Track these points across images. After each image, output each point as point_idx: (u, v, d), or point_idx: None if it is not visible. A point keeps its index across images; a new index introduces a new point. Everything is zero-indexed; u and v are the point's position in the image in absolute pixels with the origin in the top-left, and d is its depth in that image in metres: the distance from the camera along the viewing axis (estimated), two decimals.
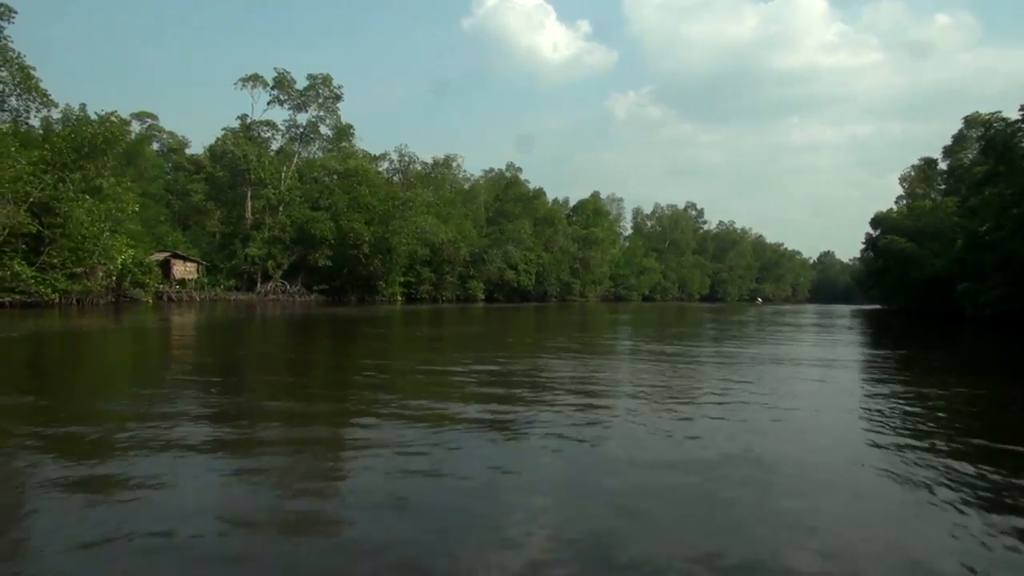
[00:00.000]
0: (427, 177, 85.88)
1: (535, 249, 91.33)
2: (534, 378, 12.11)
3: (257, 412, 8.75)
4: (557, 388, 10.80)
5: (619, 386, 11.62)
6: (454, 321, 38.09)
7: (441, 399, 9.69)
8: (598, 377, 12.68)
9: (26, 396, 9.62)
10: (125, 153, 76.92)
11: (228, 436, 7.30)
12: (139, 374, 13.58)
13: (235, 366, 14.95)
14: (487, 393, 10.33)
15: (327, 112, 73.93)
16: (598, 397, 10.18)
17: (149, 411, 8.33)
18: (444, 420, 7.99)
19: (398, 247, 66.99)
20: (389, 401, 9.26)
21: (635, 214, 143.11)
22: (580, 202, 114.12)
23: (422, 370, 13.82)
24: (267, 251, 65.07)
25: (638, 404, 9.45)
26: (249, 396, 10.24)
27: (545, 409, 8.78)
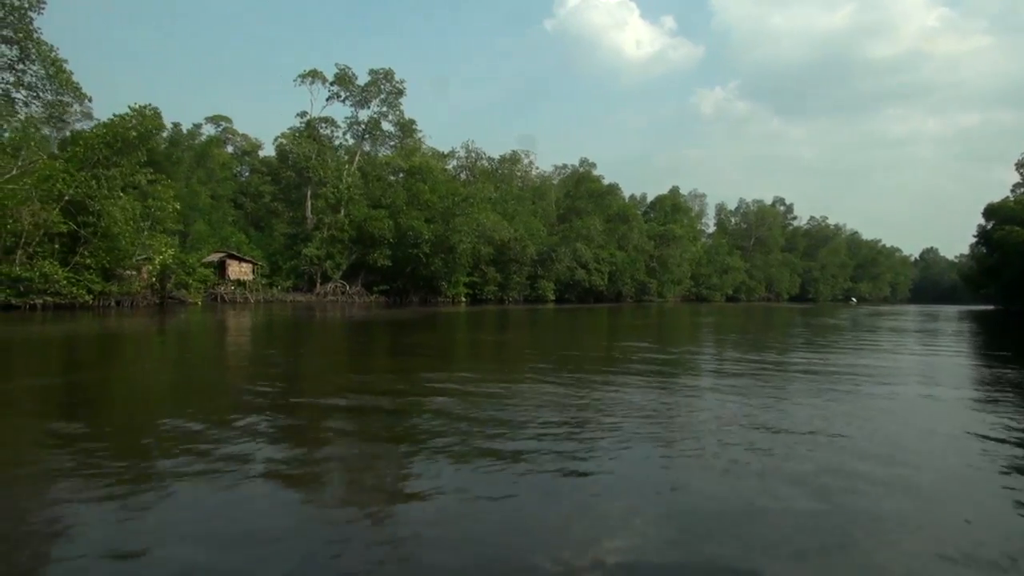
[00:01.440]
0: (492, 174, 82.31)
1: (608, 247, 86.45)
2: (601, 404, 9.55)
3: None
4: (629, 415, 8.63)
5: (699, 417, 8.74)
6: (518, 325, 34.88)
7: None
8: (676, 402, 9.93)
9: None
10: (196, 155, 77.88)
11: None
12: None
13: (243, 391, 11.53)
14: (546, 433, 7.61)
15: (390, 107, 71.48)
16: (674, 428, 8.04)
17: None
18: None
19: (459, 245, 63.59)
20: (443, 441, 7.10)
21: (718, 210, 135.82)
22: (658, 198, 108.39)
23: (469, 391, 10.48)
24: (326, 251, 63.02)
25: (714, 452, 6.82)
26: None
27: (619, 443, 7.09)
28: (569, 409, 9.00)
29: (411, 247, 63.33)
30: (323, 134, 70.64)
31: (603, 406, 9.27)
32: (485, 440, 7.14)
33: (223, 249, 57.43)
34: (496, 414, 8.51)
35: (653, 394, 10.53)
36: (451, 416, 8.33)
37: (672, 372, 14.12)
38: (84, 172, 36.96)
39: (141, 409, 9.59)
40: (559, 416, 8.44)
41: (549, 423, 7.98)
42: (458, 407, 8.93)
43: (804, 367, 14.88)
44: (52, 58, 36.49)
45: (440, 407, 8.93)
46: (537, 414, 8.51)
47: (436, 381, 11.66)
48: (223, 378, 13.22)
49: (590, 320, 41.48)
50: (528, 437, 7.25)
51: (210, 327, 28.96)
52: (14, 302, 34.04)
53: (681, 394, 10.85)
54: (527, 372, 13.70)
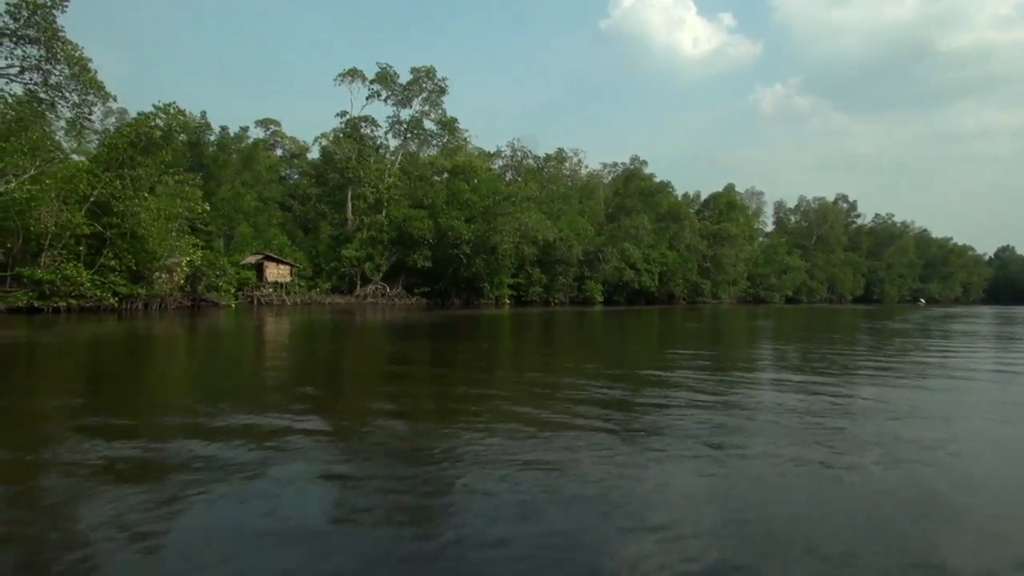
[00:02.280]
0: (538, 172, 79.95)
1: (658, 247, 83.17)
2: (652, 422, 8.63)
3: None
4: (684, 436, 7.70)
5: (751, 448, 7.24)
6: (561, 330, 32.76)
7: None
8: (730, 425, 8.44)
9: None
10: (242, 158, 77.88)
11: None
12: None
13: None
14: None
15: (432, 106, 70.00)
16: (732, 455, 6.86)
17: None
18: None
19: (500, 245, 61.47)
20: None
21: (777, 208, 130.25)
22: (712, 196, 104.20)
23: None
24: (366, 253, 61.80)
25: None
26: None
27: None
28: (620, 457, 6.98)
29: (451, 248, 61.59)
30: (363, 134, 69.49)
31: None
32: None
33: (261, 251, 56.67)
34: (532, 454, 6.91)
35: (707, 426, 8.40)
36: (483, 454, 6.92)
37: (727, 404, 11.62)
38: (109, 172, 36.21)
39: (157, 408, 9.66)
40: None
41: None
42: (497, 440, 7.49)
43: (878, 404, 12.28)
44: (77, 57, 35.81)
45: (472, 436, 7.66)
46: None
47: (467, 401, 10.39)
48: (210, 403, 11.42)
49: (638, 324, 39.03)
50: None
51: (229, 332, 27.69)
52: (37, 304, 33.40)
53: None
54: (570, 397, 11.56)
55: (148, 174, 37.54)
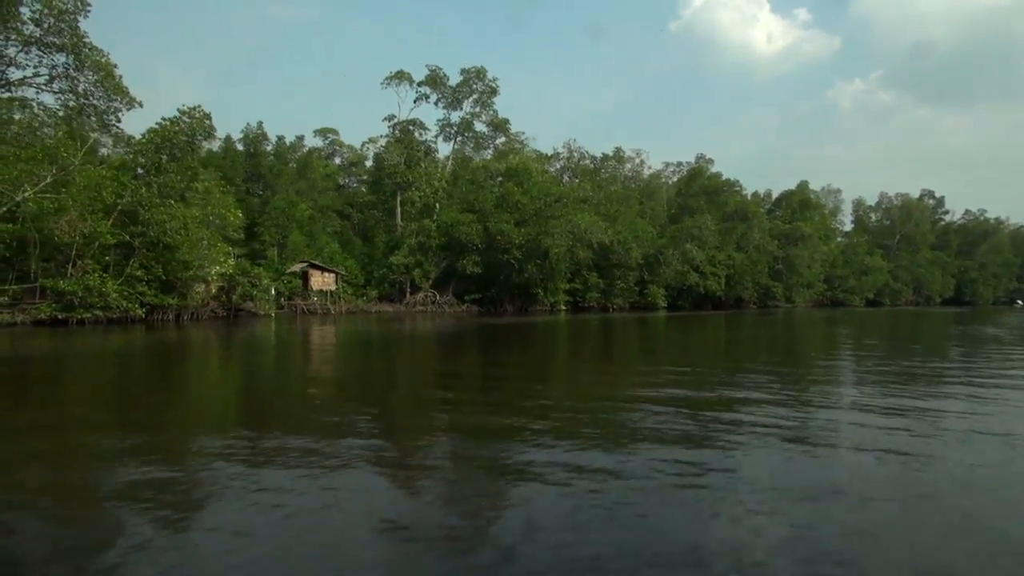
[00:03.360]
0: (594, 173, 76.38)
1: (725, 248, 78.38)
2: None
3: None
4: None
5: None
6: (616, 339, 30.09)
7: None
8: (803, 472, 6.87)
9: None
10: (298, 167, 77.56)
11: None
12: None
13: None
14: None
15: (483, 107, 67.60)
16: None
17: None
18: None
19: (552, 249, 58.34)
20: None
21: (856, 206, 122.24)
22: (784, 194, 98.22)
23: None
24: (414, 259, 59.74)
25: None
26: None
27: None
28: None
29: (502, 253, 58.88)
30: (412, 138, 67.55)
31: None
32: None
33: (306, 259, 55.39)
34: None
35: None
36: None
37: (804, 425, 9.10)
38: (136, 180, 35.15)
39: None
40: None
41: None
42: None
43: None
44: (103, 63, 34.91)
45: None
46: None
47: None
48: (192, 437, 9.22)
49: (701, 331, 35.80)
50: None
51: (255, 344, 25.98)
52: (61, 316, 32.44)
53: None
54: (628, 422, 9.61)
55: (173, 181, 36.30)
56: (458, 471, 6.87)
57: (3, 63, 34.04)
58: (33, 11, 32.87)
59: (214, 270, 37.70)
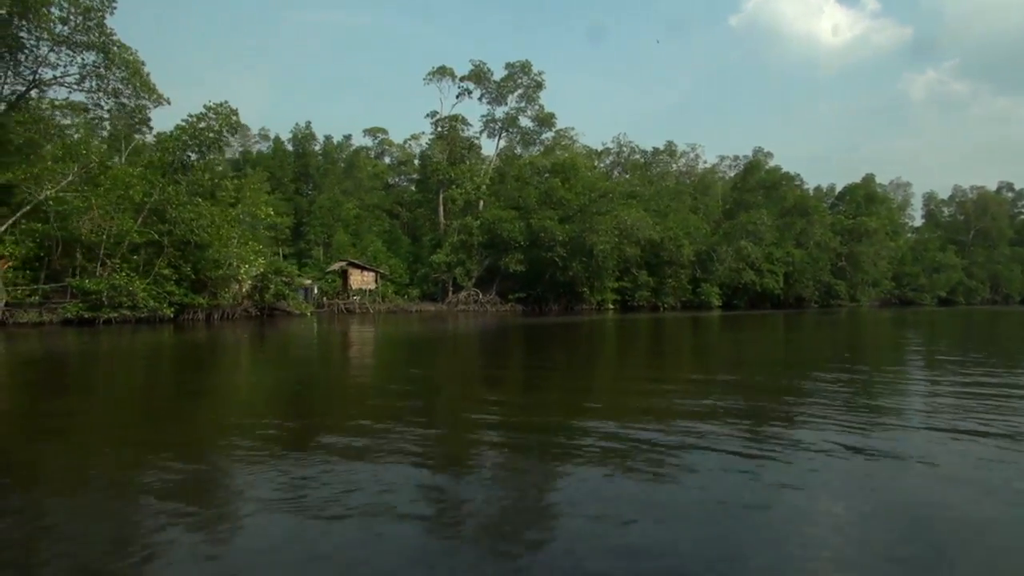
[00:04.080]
0: (644, 167, 73.50)
1: (783, 245, 74.49)
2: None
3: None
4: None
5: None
6: (658, 337, 28.50)
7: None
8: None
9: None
10: (345, 167, 77.20)
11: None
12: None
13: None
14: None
15: (528, 102, 65.72)
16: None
17: None
18: None
19: (597, 246, 56.02)
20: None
21: (927, 200, 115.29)
22: (847, 187, 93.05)
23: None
24: (456, 257, 58.30)
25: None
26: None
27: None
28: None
29: (545, 250, 56.88)
30: (454, 134, 66.15)
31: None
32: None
33: (345, 258, 54.58)
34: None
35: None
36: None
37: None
38: (165, 177, 34.52)
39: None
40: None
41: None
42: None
43: None
44: (130, 60, 34.42)
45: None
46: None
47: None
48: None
49: (757, 332, 33.14)
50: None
51: (280, 344, 24.80)
52: (87, 316, 31.95)
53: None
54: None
55: (201, 178, 35.58)
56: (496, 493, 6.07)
57: (35, 62, 33.89)
58: (61, 10, 32.53)
59: (243, 269, 36.75)
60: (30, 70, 34.11)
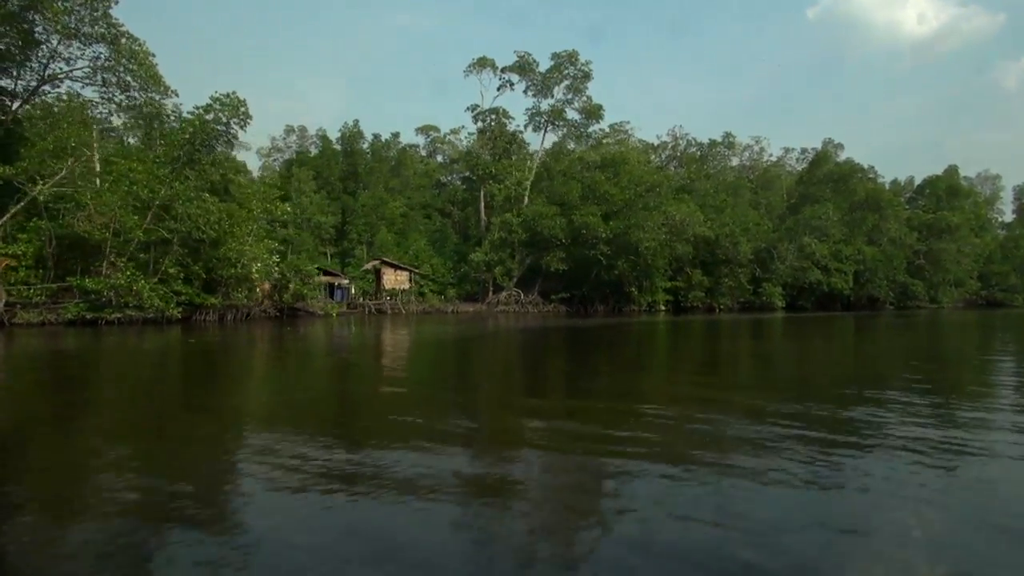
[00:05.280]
0: (701, 160, 68.73)
1: (853, 242, 68.52)
2: None
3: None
4: None
5: None
6: (709, 345, 24.82)
7: None
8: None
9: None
10: (392, 165, 75.53)
11: None
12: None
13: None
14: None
15: (575, 94, 62.17)
16: None
17: None
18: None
19: (642, 243, 52.10)
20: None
21: (1018, 194, 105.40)
22: (927, 180, 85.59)
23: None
24: (495, 256, 55.39)
25: None
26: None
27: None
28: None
29: (588, 248, 53.33)
30: (496, 128, 63.13)
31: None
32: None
33: (379, 256, 52.52)
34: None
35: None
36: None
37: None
38: (171, 172, 32.85)
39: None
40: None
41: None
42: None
43: None
44: (139, 52, 32.94)
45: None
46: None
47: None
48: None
49: (822, 338, 29.43)
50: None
51: (287, 350, 22.39)
52: (89, 316, 30.50)
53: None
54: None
55: (208, 172, 33.76)
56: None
57: (45, 56, 32.76)
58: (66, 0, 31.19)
59: (255, 267, 34.74)
60: (41, 64, 33.05)
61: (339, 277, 50.25)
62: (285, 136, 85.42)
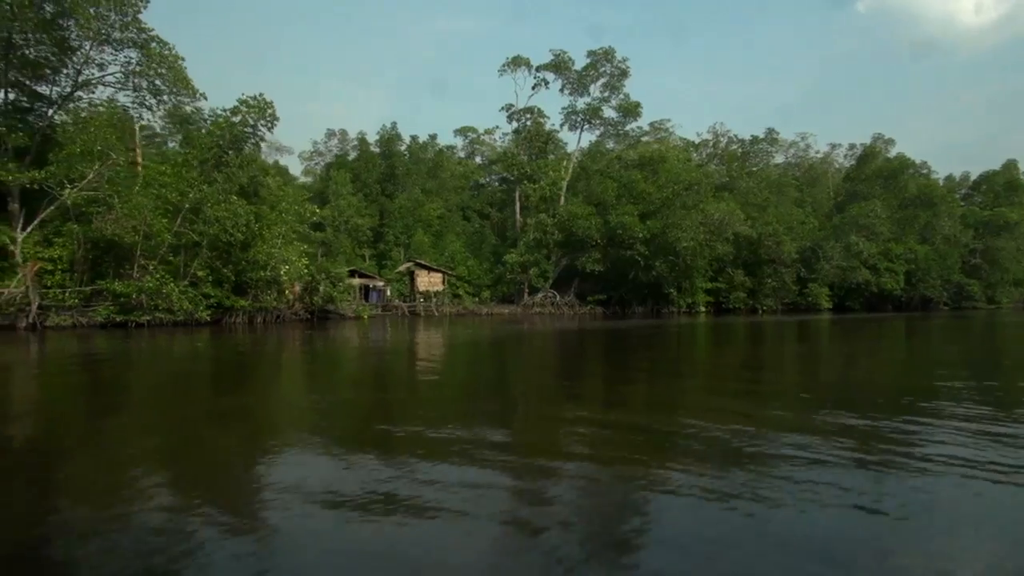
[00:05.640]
0: (742, 157, 66.61)
1: (904, 240, 65.69)
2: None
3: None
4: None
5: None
6: (748, 350, 23.07)
7: None
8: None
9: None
10: (430, 167, 75.15)
11: None
12: None
13: None
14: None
15: (612, 91, 60.87)
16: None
17: None
18: None
19: (680, 243, 50.57)
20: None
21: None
22: (984, 175, 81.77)
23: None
24: (530, 257, 54.44)
25: None
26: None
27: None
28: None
29: (625, 248, 52.01)
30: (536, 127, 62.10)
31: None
32: None
33: (412, 259, 52.10)
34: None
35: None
36: None
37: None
38: (200, 175, 32.80)
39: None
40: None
41: None
42: None
43: None
44: (168, 56, 32.97)
45: None
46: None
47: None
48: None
49: (870, 341, 27.44)
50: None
51: (312, 355, 21.87)
52: (119, 320, 30.61)
53: None
54: None
55: (236, 175, 33.60)
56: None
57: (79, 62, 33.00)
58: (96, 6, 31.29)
59: (283, 269, 34.48)
60: (75, 70, 33.32)
61: (374, 279, 50.00)
62: (326, 140, 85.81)
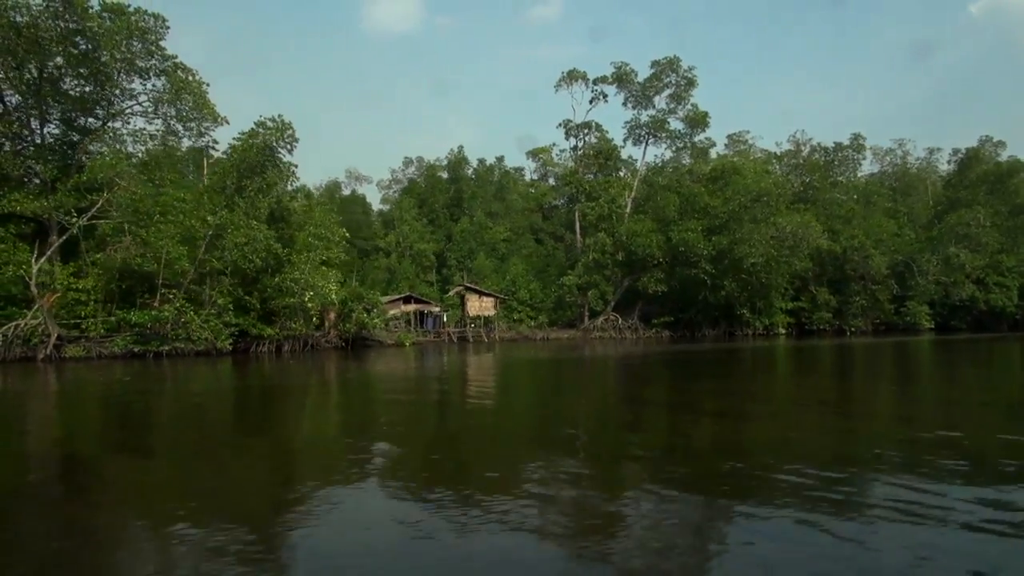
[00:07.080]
0: (825, 166, 60.30)
1: (1017, 251, 57.69)
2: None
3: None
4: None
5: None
6: (829, 384, 18.94)
7: None
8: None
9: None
10: (495, 190, 72.96)
11: None
12: None
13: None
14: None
15: (678, 102, 56.70)
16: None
17: None
18: None
19: (748, 259, 45.65)
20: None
21: None
22: None
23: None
24: (589, 279, 50.80)
25: None
26: None
27: None
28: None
29: (689, 267, 47.54)
30: (606, 144, 58.54)
31: None
32: None
33: (463, 283, 49.62)
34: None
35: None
36: None
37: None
38: (221, 201, 31.54)
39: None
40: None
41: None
42: None
43: None
44: (192, 82, 32.12)
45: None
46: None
47: None
48: None
49: (978, 368, 23.32)
50: None
51: (328, 400, 19.48)
52: (137, 350, 29.47)
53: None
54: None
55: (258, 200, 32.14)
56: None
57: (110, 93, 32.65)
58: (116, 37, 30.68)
59: (308, 295, 32.54)
60: (108, 101, 33.01)
61: (430, 305, 47.88)
62: (404, 168, 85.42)
